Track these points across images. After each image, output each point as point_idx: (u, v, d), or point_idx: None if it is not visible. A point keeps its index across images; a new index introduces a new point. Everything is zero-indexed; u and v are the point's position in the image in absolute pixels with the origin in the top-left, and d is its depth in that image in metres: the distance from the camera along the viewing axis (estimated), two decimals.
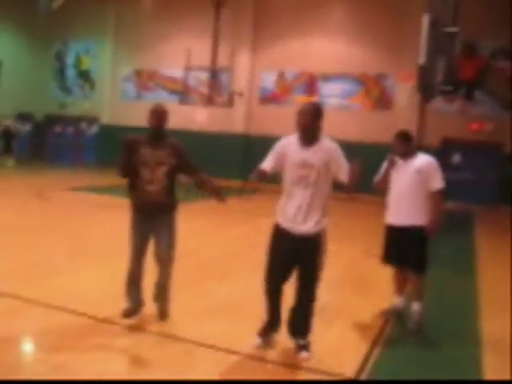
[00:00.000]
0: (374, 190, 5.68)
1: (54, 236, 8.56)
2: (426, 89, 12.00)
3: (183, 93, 19.38)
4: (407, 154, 5.32)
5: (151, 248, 4.81)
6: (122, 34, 23.20)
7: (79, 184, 16.36)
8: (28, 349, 4.38)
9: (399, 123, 16.69)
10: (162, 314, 4.93)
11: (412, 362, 4.57)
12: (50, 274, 6.23)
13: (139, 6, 22.56)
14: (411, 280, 5.46)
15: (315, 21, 19.74)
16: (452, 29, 12.02)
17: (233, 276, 6.81)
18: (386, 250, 5.51)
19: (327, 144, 4.21)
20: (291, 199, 4.22)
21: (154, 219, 4.73)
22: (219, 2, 19.38)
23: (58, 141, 25.08)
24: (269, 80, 20.64)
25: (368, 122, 18.82)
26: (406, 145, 5.32)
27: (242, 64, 20.44)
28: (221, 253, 8.17)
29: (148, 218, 4.74)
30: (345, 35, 19.44)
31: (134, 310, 4.88)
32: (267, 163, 4.33)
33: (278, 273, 4.28)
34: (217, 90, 19.35)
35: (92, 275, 6.34)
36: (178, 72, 20.81)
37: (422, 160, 5.29)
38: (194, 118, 19.28)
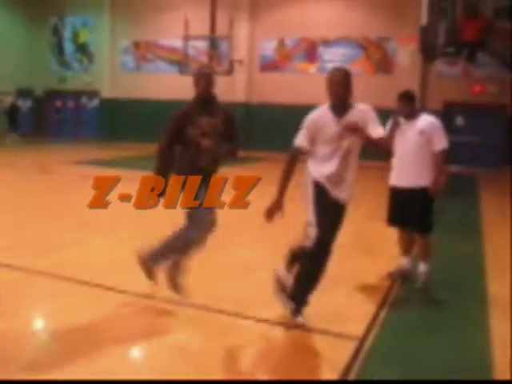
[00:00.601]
0: (376, 154, 5.64)
1: (60, 209, 8.64)
2: (428, 50, 11.88)
3: (183, 63, 19.17)
4: (411, 114, 5.28)
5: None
6: (119, 5, 22.93)
7: (82, 158, 16.36)
8: (38, 316, 4.42)
9: (401, 86, 16.48)
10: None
11: (418, 321, 4.60)
12: (57, 247, 6.27)
13: None
14: (417, 241, 5.47)
15: None
16: None
17: (238, 242, 6.83)
18: (390, 211, 5.50)
19: (360, 108, 4.12)
20: (328, 168, 4.12)
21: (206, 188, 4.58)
22: None
23: (58, 116, 24.98)
24: (268, 47, 20.43)
25: (370, 86, 18.63)
26: (410, 105, 5.27)
27: (241, 32, 20.20)
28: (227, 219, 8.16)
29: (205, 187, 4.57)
30: None
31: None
32: (303, 141, 4.15)
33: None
34: (216, 58, 19.17)
35: (98, 246, 6.39)
36: (176, 42, 20.59)
37: (425, 121, 5.25)
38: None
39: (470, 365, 3.79)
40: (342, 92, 4.04)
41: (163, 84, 21.70)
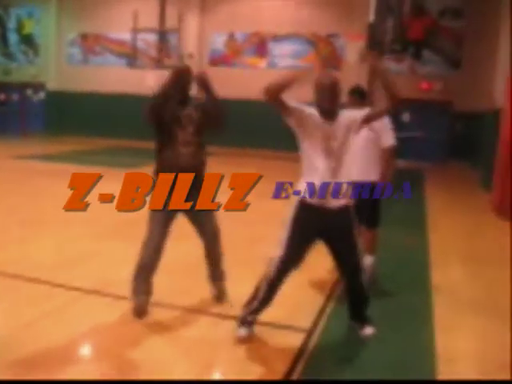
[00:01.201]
0: None
1: (3, 205, 8.38)
2: (376, 47, 12.08)
3: (131, 56, 18.93)
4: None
5: None
6: None
7: (27, 152, 15.95)
8: None
9: (350, 82, 16.72)
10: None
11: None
12: (1, 243, 6.11)
13: None
14: (364, 235, 5.57)
15: None
16: None
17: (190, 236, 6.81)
18: None
19: (346, 114, 4.01)
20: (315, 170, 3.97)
21: None
22: None
23: (2, 108, 24.26)
24: (219, 41, 20.38)
25: None
26: (361, 101, 5.30)
27: (191, 25, 20.07)
28: None
29: None
30: None
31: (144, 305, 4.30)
32: (294, 105, 3.98)
33: None
34: (166, 52, 18.98)
35: (45, 244, 6.24)
36: (125, 35, 20.26)
37: None
38: (143, 82, 18.92)
39: (416, 353, 3.92)
40: (330, 101, 3.92)
41: (111, 77, 21.36)
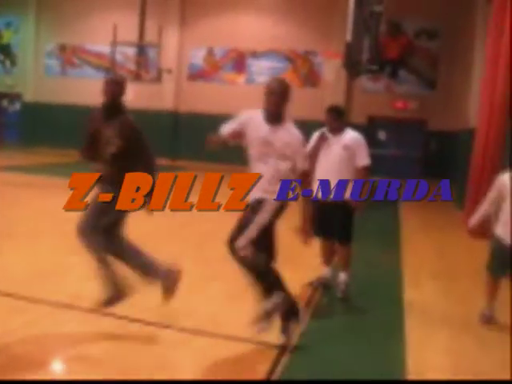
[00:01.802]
0: None
1: None
2: (353, 66, 12.24)
3: (110, 69, 18.89)
4: (337, 129, 5.40)
5: None
6: (45, 7, 22.30)
7: (1, 164, 15.76)
8: None
9: (327, 100, 16.96)
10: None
11: (338, 328, 4.74)
12: None
13: None
14: (338, 251, 5.62)
15: None
16: (378, 8, 12.31)
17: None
18: (313, 223, 5.62)
19: (291, 128, 4.09)
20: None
21: None
22: None
23: None
24: (197, 56, 20.46)
25: (296, 99, 18.76)
26: (338, 120, 5.37)
27: (170, 40, 20.12)
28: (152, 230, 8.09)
29: None
30: (274, 12, 19.50)
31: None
32: (227, 129, 4.14)
33: None
34: (144, 66, 19.00)
35: (18, 256, 6.16)
36: (104, 48, 20.26)
37: (350, 136, 5.38)
38: None
39: (387, 369, 3.95)
40: (272, 102, 4.01)
41: (89, 90, 21.19)
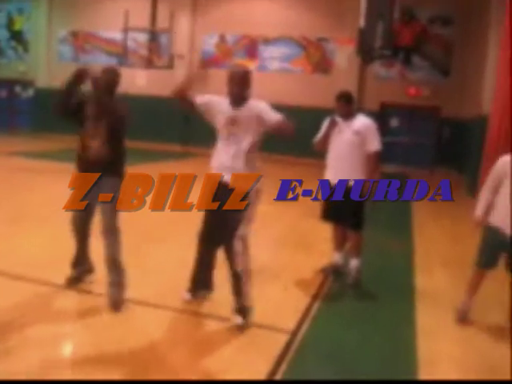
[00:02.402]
0: (313, 151, 5.77)
1: None
2: (366, 52, 12.16)
3: (122, 55, 18.88)
4: (348, 115, 5.39)
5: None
6: None
7: (15, 149, 15.88)
8: None
9: (339, 87, 16.84)
10: (117, 303, 4.36)
11: (350, 314, 4.75)
12: None
13: None
14: (350, 237, 5.62)
15: None
16: None
17: (170, 240, 6.84)
18: (325, 209, 5.63)
19: (254, 103, 4.26)
20: (221, 152, 4.33)
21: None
22: None
23: None
24: (209, 43, 20.40)
25: (309, 86, 18.93)
26: (348, 106, 5.37)
27: (183, 26, 20.09)
28: (160, 218, 8.14)
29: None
30: None
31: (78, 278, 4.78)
32: (199, 99, 4.39)
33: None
34: (156, 52, 18.97)
35: (31, 240, 6.22)
36: (116, 34, 20.25)
37: (361, 122, 5.37)
38: (133, 81, 18.90)
39: (397, 355, 3.96)
40: (234, 90, 4.22)
41: None
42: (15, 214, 7.50)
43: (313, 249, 6.80)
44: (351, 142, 5.31)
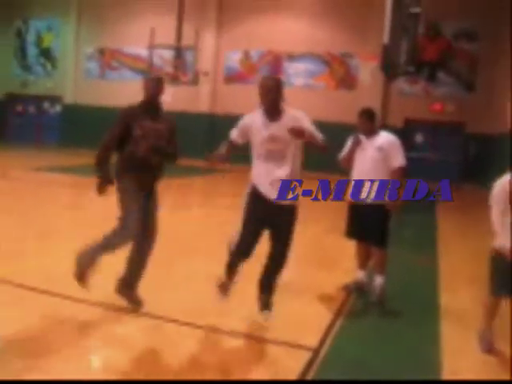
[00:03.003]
0: (338, 168, 5.78)
1: (21, 217, 8.42)
2: (390, 68, 12.15)
3: (148, 72, 19.14)
4: (370, 131, 5.41)
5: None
6: (85, 11, 22.77)
7: (42, 164, 16.14)
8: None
9: (363, 103, 16.83)
10: (139, 301, 4.65)
11: (373, 331, 4.71)
12: (19, 256, 6.15)
13: None
14: (374, 254, 5.59)
15: (280, 0, 19.71)
16: (415, 9, 12.17)
17: (201, 252, 6.87)
18: (349, 225, 5.62)
19: (292, 113, 4.30)
20: (264, 172, 4.32)
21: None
22: None
23: (19, 120, 24.59)
24: (234, 59, 20.58)
25: (332, 102, 18.95)
26: (370, 123, 5.39)
27: (207, 43, 20.31)
28: (188, 231, 8.19)
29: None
30: (310, 15, 19.47)
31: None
32: (234, 136, 4.46)
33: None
34: (182, 68, 19.19)
35: (61, 255, 6.28)
36: (142, 51, 20.56)
37: (384, 138, 5.37)
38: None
39: (421, 375, 3.92)
40: (269, 99, 4.22)
41: (127, 92, 21.54)
42: (43, 228, 7.60)
43: (336, 266, 6.77)
44: (374, 158, 5.31)
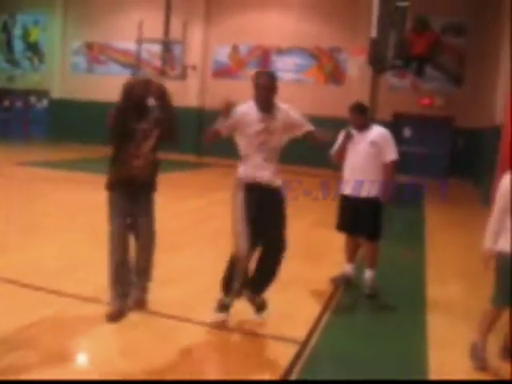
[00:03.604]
0: (327, 162, 5.78)
1: (4, 212, 8.37)
2: (378, 62, 12.15)
3: (135, 66, 19.04)
4: (363, 126, 5.39)
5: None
6: (72, 5, 22.56)
7: (29, 159, 16.01)
8: None
9: (352, 97, 16.83)
10: (140, 302, 4.57)
11: (360, 325, 4.75)
12: (1, 249, 6.12)
13: None
14: (366, 248, 5.59)
15: None
16: (403, 3, 12.18)
17: (185, 248, 6.86)
18: (340, 218, 5.62)
19: (284, 107, 4.34)
20: (253, 163, 4.27)
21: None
22: None
23: (6, 115, 24.37)
24: (222, 53, 20.50)
25: (321, 96, 18.94)
26: (363, 117, 5.38)
27: (195, 37, 20.21)
28: (175, 226, 8.16)
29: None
30: (299, 9, 19.43)
31: (122, 310, 4.40)
32: (221, 126, 4.28)
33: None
34: (170, 63, 19.10)
35: (45, 250, 6.26)
36: (129, 45, 20.41)
37: (376, 132, 5.38)
38: None
39: (408, 366, 3.93)
40: (265, 96, 4.24)
41: (115, 87, 21.30)
42: (29, 223, 7.56)
43: (323, 259, 6.79)
44: (367, 153, 5.31)
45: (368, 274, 5.49)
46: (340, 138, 5.45)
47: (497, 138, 11.41)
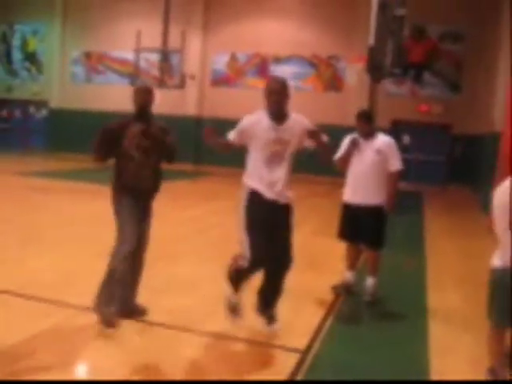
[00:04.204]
0: (328, 169, 5.78)
1: (4, 222, 8.35)
2: (376, 70, 12.18)
3: (134, 75, 19.08)
4: (369, 134, 5.39)
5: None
6: (71, 15, 22.62)
7: (28, 169, 16.03)
8: None
9: (351, 105, 16.95)
10: (144, 310, 4.57)
11: (361, 333, 4.73)
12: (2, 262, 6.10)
13: None
14: (368, 255, 5.58)
15: (267, 2, 19.72)
16: (400, 11, 12.22)
17: (185, 256, 6.84)
18: (343, 226, 5.60)
19: (295, 116, 4.24)
20: (263, 172, 4.18)
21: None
22: None
23: (4, 125, 24.38)
24: (221, 62, 20.56)
25: (320, 104, 18.96)
26: (369, 125, 5.38)
27: (194, 46, 20.26)
28: (174, 235, 8.15)
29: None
30: (297, 17, 19.50)
31: (113, 315, 4.31)
32: (233, 137, 4.25)
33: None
34: (168, 72, 19.13)
35: (44, 260, 6.24)
36: (128, 54, 20.46)
37: (382, 140, 5.38)
38: None
39: (409, 374, 3.92)
40: (278, 102, 4.12)
41: (114, 96, 21.47)
42: (28, 234, 7.53)
43: (323, 267, 6.77)
44: (373, 161, 5.30)
45: (370, 281, 5.49)
46: (344, 145, 5.44)
47: (495, 144, 11.42)
